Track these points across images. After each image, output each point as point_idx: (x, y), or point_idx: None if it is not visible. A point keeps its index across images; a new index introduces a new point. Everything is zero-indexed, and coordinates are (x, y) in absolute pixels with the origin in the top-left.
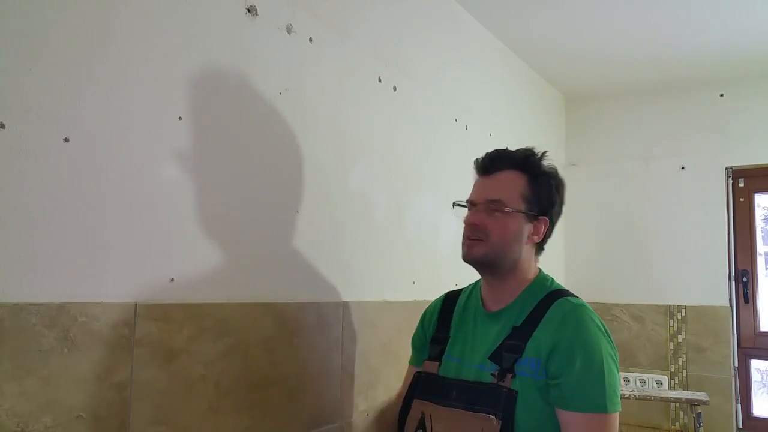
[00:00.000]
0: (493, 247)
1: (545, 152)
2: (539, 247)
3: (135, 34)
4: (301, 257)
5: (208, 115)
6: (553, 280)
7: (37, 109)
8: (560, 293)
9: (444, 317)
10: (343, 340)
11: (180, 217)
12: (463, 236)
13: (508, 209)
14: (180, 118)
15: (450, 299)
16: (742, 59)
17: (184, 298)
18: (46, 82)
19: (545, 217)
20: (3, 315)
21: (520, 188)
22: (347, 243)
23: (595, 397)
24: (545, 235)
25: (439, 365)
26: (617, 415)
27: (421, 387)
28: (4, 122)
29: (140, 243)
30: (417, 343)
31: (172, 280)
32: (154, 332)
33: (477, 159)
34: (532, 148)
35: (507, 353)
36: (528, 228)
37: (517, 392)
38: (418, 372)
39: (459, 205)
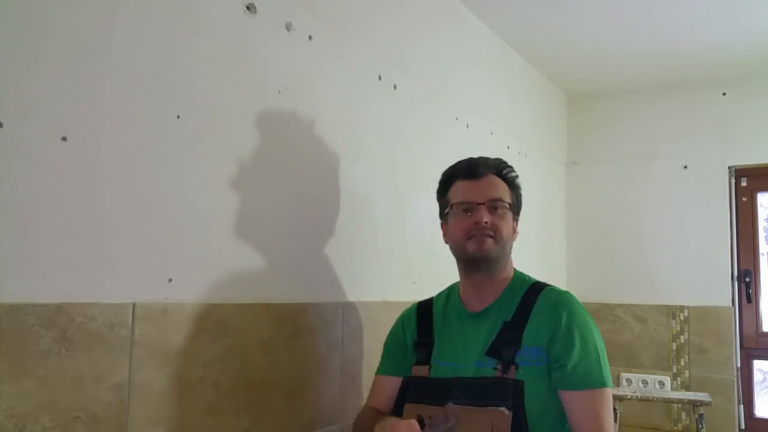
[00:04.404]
0: (500, 242)
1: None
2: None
3: (133, 32)
4: (301, 257)
5: (207, 114)
6: (527, 275)
7: (35, 107)
8: (542, 285)
9: (423, 323)
10: (343, 340)
11: (178, 217)
12: (465, 234)
13: (507, 207)
14: (178, 117)
15: (424, 306)
16: (745, 58)
17: (182, 299)
18: (44, 81)
19: (518, 217)
20: (0, 315)
21: (506, 190)
22: (347, 243)
23: (594, 373)
24: None
25: (429, 369)
26: (611, 388)
27: (412, 391)
28: (1, 121)
29: (138, 243)
30: (393, 350)
31: (170, 280)
32: (152, 333)
33: (458, 166)
34: (500, 158)
35: (505, 346)
36: (514, 226)
37: (523, 382)
38: (407, 377)
39: (467, 209)
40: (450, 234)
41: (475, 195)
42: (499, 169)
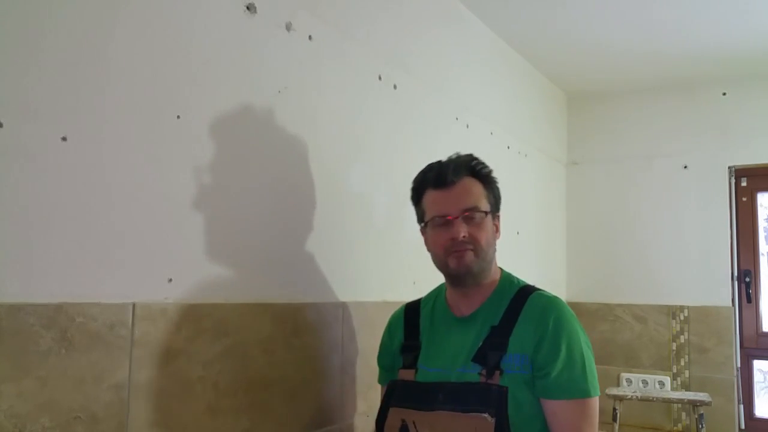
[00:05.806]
0: (480, 253)
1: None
2: None
3: (133, 31)
4: (301, 257)
5: (207, 114)
6: (516, 277)
7: (35, 107)
8: (530, 289)
9: (410, 325)
10: (343, 340)
11: (178, 217)
12: (444, 250)
13: (483, 213)
14: (178, 117)
15: (412, 309)
16: (746, 58)
17: (182, 299)
18: (44, 81)
19: (498, 214)
20: (0, 315)
21: (481, 191)
22: (347, 243)
23: (578, 383)
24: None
25: (415, 372)
26: (598, 398)
27: (398, 395)
28: (2, 121)
29: (138, 243)
30: (386, 361)
31: (170, 280)
32: (152, 333)
33: (427, 175)
34: (470, 154)
35: (491, 351)
36: (494, 227)
37: (507, 388)
38: (392, 381)
39: (443, 223)
40: (429, 247)
41: (448, 207)
42: (471, 168)
